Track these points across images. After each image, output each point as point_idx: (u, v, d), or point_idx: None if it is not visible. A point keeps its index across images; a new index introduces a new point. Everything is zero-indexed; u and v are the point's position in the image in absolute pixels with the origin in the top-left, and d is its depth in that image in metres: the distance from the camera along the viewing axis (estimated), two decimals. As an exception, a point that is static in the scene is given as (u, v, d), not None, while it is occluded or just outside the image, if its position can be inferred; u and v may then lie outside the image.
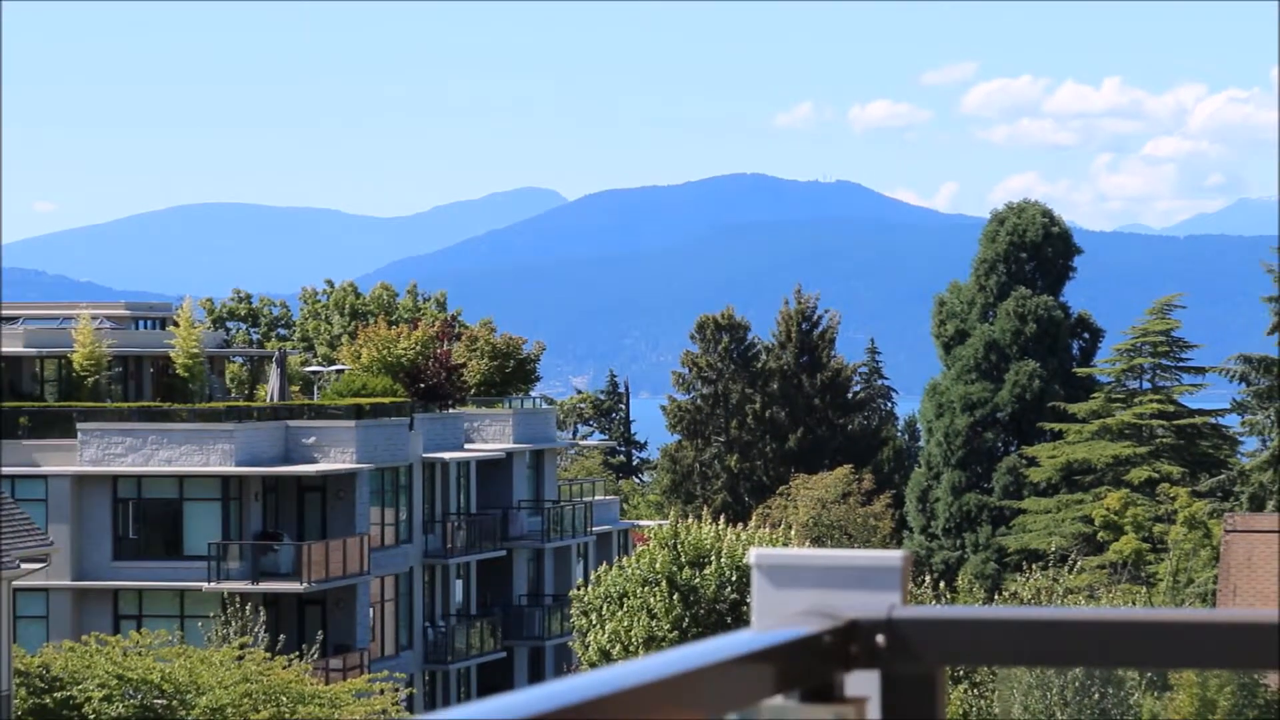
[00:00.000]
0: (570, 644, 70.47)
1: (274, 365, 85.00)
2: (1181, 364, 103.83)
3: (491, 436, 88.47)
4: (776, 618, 3.28)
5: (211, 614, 69.89)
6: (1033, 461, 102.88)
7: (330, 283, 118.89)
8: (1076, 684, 58.11)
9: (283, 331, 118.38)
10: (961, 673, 62.71)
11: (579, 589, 65.76)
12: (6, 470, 70.26)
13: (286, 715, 57.43)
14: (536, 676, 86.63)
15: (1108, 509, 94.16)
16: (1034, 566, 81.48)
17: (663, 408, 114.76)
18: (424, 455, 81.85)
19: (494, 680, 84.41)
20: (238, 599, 70.02)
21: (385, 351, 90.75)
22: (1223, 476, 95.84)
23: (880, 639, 3.22)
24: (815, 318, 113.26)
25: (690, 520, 65.45)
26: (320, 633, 71.77)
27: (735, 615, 58.79)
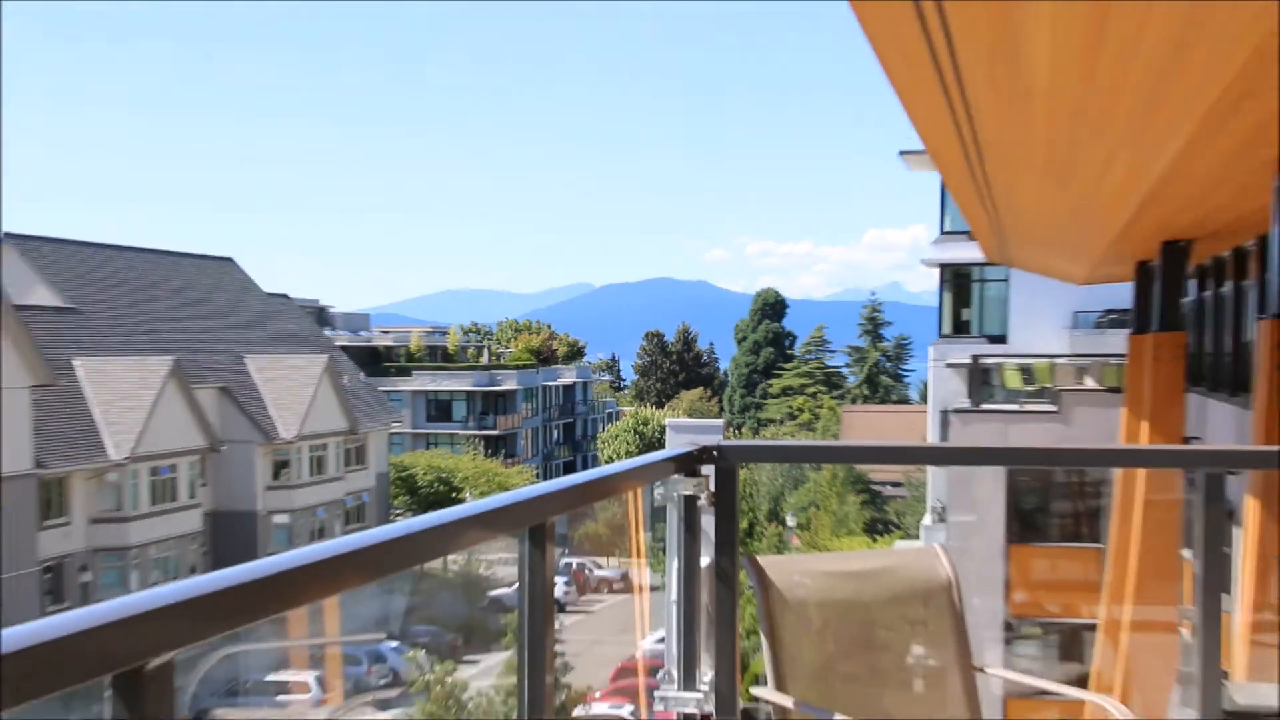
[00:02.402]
0: (598, 454, 71.67)
1: (484, 351, 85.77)
2: (825, 349, 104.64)
3: (567, 377, 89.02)
4: (676, 445, 3.02)
5: (464, 443, 71.35)
6: (769, 385, 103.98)
7: (501, 322, 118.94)
8: (787, 468, 58.69)
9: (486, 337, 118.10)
10: (745, 466, 62.97)
11: (603, 434, 67.21)
12: (386, 388, 70.38)
13: (492, 479, 58.15)
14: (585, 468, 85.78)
15: (799, 405, 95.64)
16: (771, 425, 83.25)
17: (633, 366, 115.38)
18: (542, 383, 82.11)
19: (568, 471, 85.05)
20: (474, 438, 70.94)
21: (526, 344, 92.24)
22: (842, 390, 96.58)
23: (715, 453, 2.96)
24: (691, 336, 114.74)
25: (643, 408, 66.70)
26: (504, 450, 71.66)
27: (660, 445, 58.90)
